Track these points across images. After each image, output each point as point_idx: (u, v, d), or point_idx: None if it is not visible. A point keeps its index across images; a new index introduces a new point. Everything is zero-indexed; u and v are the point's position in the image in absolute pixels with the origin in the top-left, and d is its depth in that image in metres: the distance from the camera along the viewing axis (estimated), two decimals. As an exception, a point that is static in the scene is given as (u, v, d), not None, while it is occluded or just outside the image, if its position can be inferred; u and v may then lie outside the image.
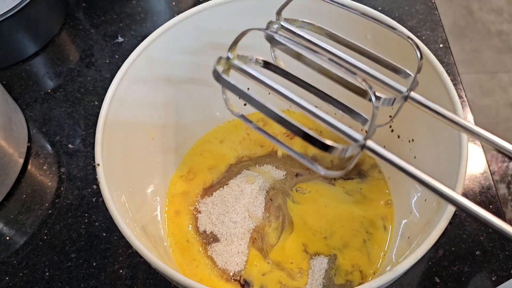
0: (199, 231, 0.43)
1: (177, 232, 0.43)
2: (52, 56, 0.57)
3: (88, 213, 0.45)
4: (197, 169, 0.47)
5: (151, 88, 0.40)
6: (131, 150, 0.38)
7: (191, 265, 0.41)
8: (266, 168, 0.47)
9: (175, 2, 0.61)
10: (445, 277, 0.41)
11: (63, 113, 0.52)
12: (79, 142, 0.50)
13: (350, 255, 0.41)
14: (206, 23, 0.40)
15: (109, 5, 0.61)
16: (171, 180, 0.46)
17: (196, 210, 0.44)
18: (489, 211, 0.21)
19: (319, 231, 0.43)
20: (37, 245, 0.44)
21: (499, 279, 0.40)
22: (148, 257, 0.28)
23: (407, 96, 0.27)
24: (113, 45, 0.57)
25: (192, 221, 0.44)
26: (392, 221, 0.43)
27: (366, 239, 0.42)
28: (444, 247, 0.42)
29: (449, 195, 0.22)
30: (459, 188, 0.30)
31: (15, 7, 0.50)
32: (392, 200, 0.44)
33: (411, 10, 0.59)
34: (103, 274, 0.42)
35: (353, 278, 0.40)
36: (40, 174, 0.48)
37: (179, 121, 0.45)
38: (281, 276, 0.40)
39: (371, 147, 0.23)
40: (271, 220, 0.43)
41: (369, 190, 0.45)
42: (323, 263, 0.41)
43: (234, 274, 0.41)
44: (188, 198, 0.45)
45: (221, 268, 0.41)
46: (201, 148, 0.48)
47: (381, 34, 0.38)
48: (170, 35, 0.38)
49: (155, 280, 0.41)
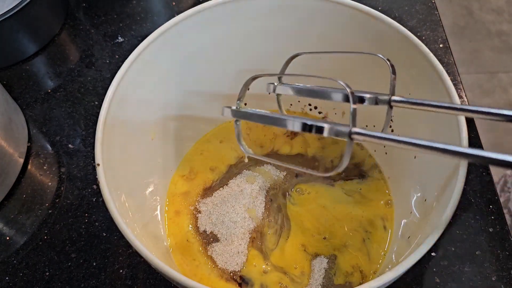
0: (199, 231, 0.43)
1: (177, 232, 0.43)
2: (52, 56, 0.57)
3: (88, 213, 0.45)
4: (197, 169, 0.47)
5: (151, 88, 0.40)
6: (131, 150, 0.38)
7: (191, 265, 0.41)
8: (266, 168, 0.47)
9: (175, 2, 0.61)
10: (445, 277, 0.41)
11: (63, 113, 0.52)
12: (79, 142, 0.50)
13: (350, 255, 0.41)
14: (206, 23, 0.40)
15: (109, 5, 0.61)
16: (171, 180, 0.46)
17: (196, 210, 0.44)
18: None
19: (318, 232, 0.43)
20: (37, 245, 0.44)
21: (499, 279, 0.40)
22: (148, 257, 0.28)
23: (390, 99, 0.30)
24: (113, 45, 0.57)
25: (192, 221, 0.44)
26: (392, 221, 0.43)
27: (366, 238, 0.42)
28: (444, 247, 0.42)
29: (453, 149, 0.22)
30: (459, 188, 0.30)
31: (15, 7, 0.50)
32: (392, 200, 0.44)
33: (411, 10, 0.59)
34: (103, 274, 0.42)
35: (353, 278, 0.40)
36: (40, 174, 0.48)
37: (179, 121, 0.45)
38: (282, 276, 0.40)
39: (357, 131, 0.25)
40: (271, 220, 0.44)
41: (369, 190, 0.45)
42: (323, 263, 0.41)
43: (234, 274, 0.41)
44: (188, 198, 0.45)
45: (221, 268, 0.41)
46: (201, 148, 0.48)
47: (380, 34, 0.38)
48: (170, 35, 0.38)
49: (155, 280, 0.41)
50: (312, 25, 0.41)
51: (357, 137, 0.26)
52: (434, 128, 0.37)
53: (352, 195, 0.45)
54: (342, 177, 0.46)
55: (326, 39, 0.42)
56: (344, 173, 0.46)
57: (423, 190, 0.38)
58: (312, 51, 0.36)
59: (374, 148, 0.46)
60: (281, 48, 0.44)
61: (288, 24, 0.41)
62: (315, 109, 0.49)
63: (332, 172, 0.29)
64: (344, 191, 0.45)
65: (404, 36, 0.36)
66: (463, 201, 0.44)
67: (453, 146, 0.22)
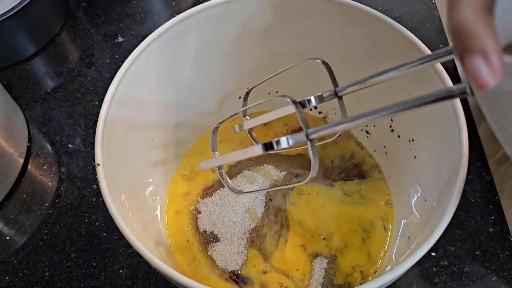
0: (199, 231, 0.43)
1: (177, 232, 0.43)
2: (52, 56, 0.57)
3: (88, 213, 0.45)
4: (198, 169, 0.47)
5: (151, 87, 0.40)
6: (131, 150, 0.38)
7: (191, 265, 0.41)
8: (266, 168, 0.47)
9: (175, 2, 0.61)
10: (445, 277, 0.41)
11: (63, 113, 0.52)
12: (79, 142, 0.50)
13: (350, 255, 0.41)
14: (206, 23, 0.40)
15: (109, 5, 0.61)
16: (172, 180, 0.46)
17: (196, 210, 0.44)
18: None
19: (318, 232, 0.43)
20: (37, 245, 0.44)
21: (499, 279, 0.40)
22: (148, 257, 0.28)
23: (335, 91, 0.33)
24: (113, 45, 0.57)
25: (192, 221, 0.44)
26: (392, 221, 0.43)
27: (365, 238, 0.42)
28: (444, 247, 0.42)
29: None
30: (459, 188, 0.30)
31: (15, 7, 0.50)
32: (392, 200, 0.44)
33: (411, 10, 0.58)
34: (103, 274, 0.42)
35: (353, 278, 0.40)
36: (40, 174, 0.48)
37: (179, 121, 0.45)
38: (282, 277, 0.40)
39: (311, 131, 0.27)
40: (271, 221, 0.43)
41: (368, 191, 0.45)
42: (322, 264, 0.41)
43: (234, 274, 0.41)
44: (188, 198, 0.45)
45: (221, 267, 0.41)
46: (202, 148, 0.48)
47: (381, 34, 0.38)
48: (170, 35, 0.38)
49: (155, 280, 0.41)
50: (312, 25, 0.41)
51: (314, 136, 0.27)
52: (434, 129, 0.37)
53: (352, 195, 0.45)
54: (342, 177, 0.46)
55: (326, 38, 0.42)
56: (344, 173, 0.46)
57: (423, 190, 0.38)
58: (264, 80, 0.38)
59: (374, 148, 0.46)
60: (281, 47, 0.44)
61: (288, 24, 0.41)
62: (315, 109, 0.49)
63: (306, 180, 0.30)
64: (343, 191, 0.45)
65: (404, 36, 0.36)
66: (463, 201, 0.44)
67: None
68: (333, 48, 0.42)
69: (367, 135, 0.47)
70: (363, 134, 0.47)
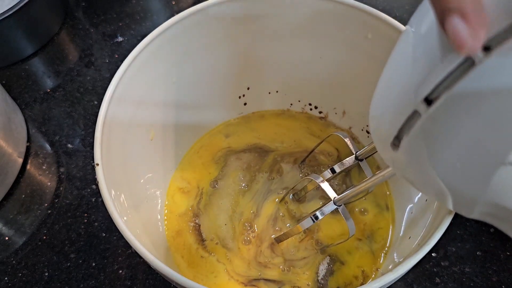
0: (199, 231, 0.43)
1: (176, 232, 0.43)
2: (52, 56, 0.56)
3: (87, 213, 0.45)
4: (197, 169, 0.47)
5: (151, 87, 0.40)
6: (130, 150, 0.38)
7: (190, 265, 0.41)
8: (267, 168, 0.47)
9: (174, 1, 0.61)
10: (445, 278, 0.41)
11: (63, 112, 0.52)
12: (78, 142, 0.49)
13: (351, 256, 0.41)
14: (206, 22, 0.40)
15: (109, 5, 0.60)
16: (171, 180, 0.46)
17: (197, 210, 0.44)
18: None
19: (319, 232, 0.42)
20: (36, 245, 0.44)
21: (500, 280, 0.40)
22: (148, 258, 0.28)
23: (356, 157, 0.39)
24: (112, 44, 0.57)
25: (192, 221, 0.44)
26: (392, 221, 0.43)
27: (366, 239, 0.42)
28: (445, 247, 0.42)
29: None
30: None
31: (14, 7, 0.50)
32: (393, 201, 0.44)
33: (411, 10, 0.58)
34: (102, 274, 0.42)
35: (354, 278, 0.40)
36: (40, 174, 0.48)
37: (179, 121, 0.45)
38: (283, 277, 0.40)
39: (337, 199, 0.35)
40: (273, 221, 0.43)
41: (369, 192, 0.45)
42: (323, 263, 0.41)
43: (234, 274, 0.41)
44: (188, 198, 0.45)
45: (220, 267, 0.41)
46: (201, 148, 0.48)
47: (381, 33, 0.38)
48: (170, 34, 0.38)
49: (155, 280, 0.41)
50: (312, 25, 0.41)
51: (340, 202, 0.35)
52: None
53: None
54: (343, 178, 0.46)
55: (326, 38, 0.42)
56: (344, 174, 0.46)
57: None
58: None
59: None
60: (281, 47, 0.44)
61: (288, 23, 0.41)
62: (316, 109, 0.49)
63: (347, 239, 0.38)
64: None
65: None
66: (464, 201, 0.44)
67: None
68: (333, 47, 0.42)
69: (367, 135, 0.47)
70: (364, 134, 0.47)
